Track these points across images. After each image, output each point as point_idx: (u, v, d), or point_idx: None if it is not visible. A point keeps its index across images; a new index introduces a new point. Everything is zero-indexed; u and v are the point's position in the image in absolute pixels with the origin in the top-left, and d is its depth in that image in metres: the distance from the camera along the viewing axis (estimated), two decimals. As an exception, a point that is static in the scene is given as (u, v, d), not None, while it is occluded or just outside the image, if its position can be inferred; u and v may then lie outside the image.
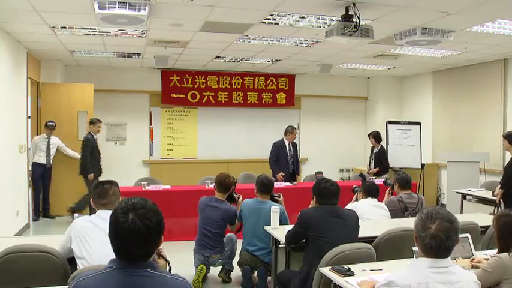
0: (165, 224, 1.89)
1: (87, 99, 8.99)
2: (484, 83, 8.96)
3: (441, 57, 8.39)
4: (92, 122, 8.22)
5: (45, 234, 6.83)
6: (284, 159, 8.13)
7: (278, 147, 8.19)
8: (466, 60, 8.76)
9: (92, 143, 8.04)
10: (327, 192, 3.88)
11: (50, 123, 8.46)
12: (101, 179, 7.97)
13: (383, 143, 9.53)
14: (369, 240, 3.82)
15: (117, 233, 1.81)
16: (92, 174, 7.91)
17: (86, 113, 8.98)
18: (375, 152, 8.94)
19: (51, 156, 8.51)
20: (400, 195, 5.31)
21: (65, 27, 6.46)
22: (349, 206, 4.93)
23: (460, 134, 9.56)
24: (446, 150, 9.60)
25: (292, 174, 8.16)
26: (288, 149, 8.19)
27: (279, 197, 5.29)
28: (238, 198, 5.36)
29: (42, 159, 8.37)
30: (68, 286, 2.15)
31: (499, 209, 6.26)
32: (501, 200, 6.19)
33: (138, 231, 1.78)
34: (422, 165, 9.73)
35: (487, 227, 4.15)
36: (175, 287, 1.82)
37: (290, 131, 8.22)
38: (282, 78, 11.19)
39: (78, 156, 8.61)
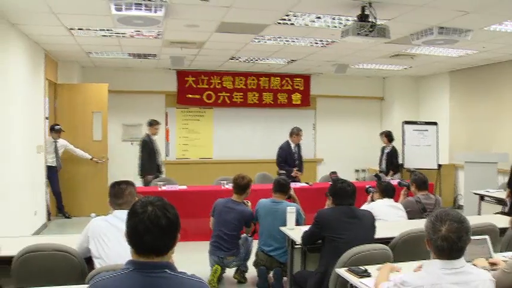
0: (180, 222, 1.89)
1: (101, 99, 8.99)
2: (503, 83, 8.84)
3: (458, 56, 8.30)
4: (150, 124, 8.24)
5: (62, 234, 6.89)
6: (291, 161, 8.05)
7: (285, 150, 8.08)
8: (484, 59, 8.65)
9: (149, 145, 8.06)
10: (343, 192, 3.86)
11: (57, 126, 8.45)
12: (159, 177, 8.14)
13: (399, 143, 9.47)
14: (386, 241, 3.79)
15: (137, 225, 1.81)
16: (151, 176, 7.96)
17: (100, 113, 9.01)
18: (386, 151, 8.89)
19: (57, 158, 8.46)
20: (417, 196, 5.25)
21: (81, 29, 6.52)
22: (364, 207, 4.89)
23: (478, 135, 9.45)
24: (463, 151, 9.49)
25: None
26: (293, 151, 8.10)
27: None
28: (247, 203, 5.33)
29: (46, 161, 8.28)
30: (86, 285, 2.16)
31: (506, 208, 6.31)
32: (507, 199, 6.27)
33: (158, 221, 1.80)
34: (439, 166, 9.64)
35: (506, 229, 4.08)
36: (193, 287, 1.82)
37: (296, 132, 8.08)
38: (298, 79, 11.16)
39: (89, 156, 8.67)
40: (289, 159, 8.03)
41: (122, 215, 3.07)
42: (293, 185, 6.50)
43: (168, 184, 7.36)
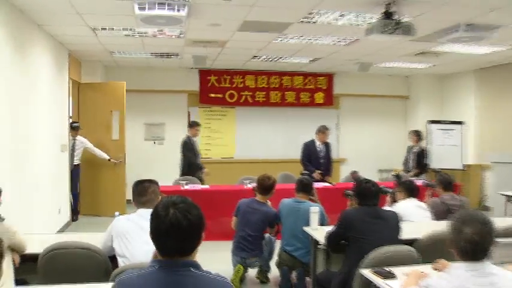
0: (205, 221, 1.89)
1: (119, 97, 8.88)
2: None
3: (485, 54, 8.16)
4: (190, 125, 8.30)
5: (86, 232, 6.96)
6: (314, 159, 7.96)
7: (308, 146, 8.03)
8: (512, 57, 8.50)
9: (189, 146, 8.10)
10: (367, 192, 3.83)
11: (75, 124, 8.45)
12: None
13: (424, 143, 9.35)
14: (411, 242, 3.75)
15: (159, 228, 1.82)
16: (206, 170, 8.12)
17: (118, 112, 8.87)
18: (414, 151, 8.76)
19: (77, 157, 8.46)
20: (442, 196, 5.19)
21: (105, 29, 6.60)
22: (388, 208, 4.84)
23: (505, 134, 9.27)
24: (490, 151, 9.33)
25: (323, 175, 7.89)
26: (318, 149, 8.01)
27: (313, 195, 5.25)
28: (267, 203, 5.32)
29: None
30: (111, 283, 2.19)
31: None
32: None
33: (179, 224, 1.79)
34: (465, 166, 9.50)
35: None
36: (217, 286, 1.83)
37: (322, 130, 8.00)
38: (321, 78, 11.12)
39: (107, 157, 8.65)
40: (313, 158, 7.98)
41: (145, 213, 3.12)
42: (315, 185, 6.48)
43: (190, 183, 7.39)
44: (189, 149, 8.09)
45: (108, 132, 8.94)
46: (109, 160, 8.75)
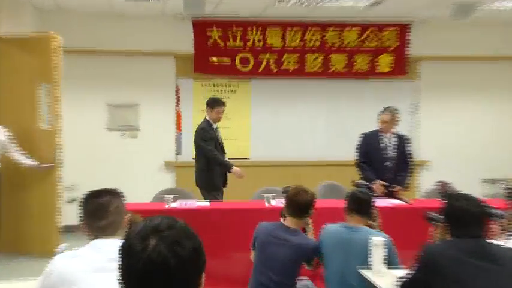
0: (205, 256, 1.85)
1: (50, 61, 8.57)
2: None
3: None
4: (209, 105, 8.31)
5: (5, 280, 6.92)
6: (377, 160, 7.89)
7: (367, 139, 8.01)
8: None
9: (208, 134, 8.13)
10: (465, 215, 3.75)
11: None
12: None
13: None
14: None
15: (132, 270, 1.78)
16: (237, 169, 8.08)
17: (49, 86, 8.56)
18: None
19: None
20: None
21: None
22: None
23: None
24: None
25: (389, 187, 7.79)
26: (383, 144, 7.92)
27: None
28: (308, 226, 5.31)
29: None
30: None
31: None
32: None
33: (164, 263, 1.75)
34: None
35: None
36: None
37: (388, 114, 7.87)
38: (388, 31, 11.11)
39: (29, 162, 8.39)
40: (374, 158, 7.91)
41: (104, 245, 3.11)
42: (378, 202, 6.38)
43: (180, 199, 7.40)
44: (207, 139, 8.08)
45: (36, 117, 8.70)
46: (33, 167, 8.43)
